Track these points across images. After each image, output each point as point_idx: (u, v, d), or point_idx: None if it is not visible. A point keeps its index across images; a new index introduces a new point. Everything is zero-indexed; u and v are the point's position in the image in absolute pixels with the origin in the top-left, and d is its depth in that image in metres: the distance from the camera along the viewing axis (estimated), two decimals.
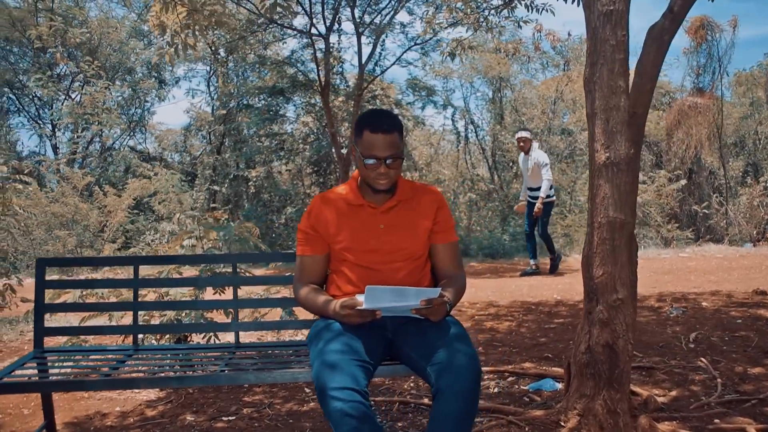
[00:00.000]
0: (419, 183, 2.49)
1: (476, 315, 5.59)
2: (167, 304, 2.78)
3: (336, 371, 1.94)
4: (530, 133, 8.14)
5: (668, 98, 13.68)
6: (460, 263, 2.44)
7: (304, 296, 2.33)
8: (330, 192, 2.45)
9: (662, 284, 6.84)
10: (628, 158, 2.49)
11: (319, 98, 11.29)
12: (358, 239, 2.32)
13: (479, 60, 17.04)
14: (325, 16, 10.43)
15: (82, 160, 14.63)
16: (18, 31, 13.68)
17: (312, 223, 2.38)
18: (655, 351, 3.99)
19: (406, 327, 2.20)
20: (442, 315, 2.14)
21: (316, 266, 2.40)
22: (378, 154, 2.24)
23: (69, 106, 13.64)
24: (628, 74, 2.52)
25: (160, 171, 12.90)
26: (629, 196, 2.52)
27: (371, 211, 2.35)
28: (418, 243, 2.35)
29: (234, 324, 2.61)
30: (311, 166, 15.14)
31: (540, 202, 7.66)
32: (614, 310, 2.53)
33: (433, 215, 2.38)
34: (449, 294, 2.27)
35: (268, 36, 12.63)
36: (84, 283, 2.86)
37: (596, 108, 2.52)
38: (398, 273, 2.32)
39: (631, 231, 2.54)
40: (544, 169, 7.65)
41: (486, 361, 3.94)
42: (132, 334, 2.57)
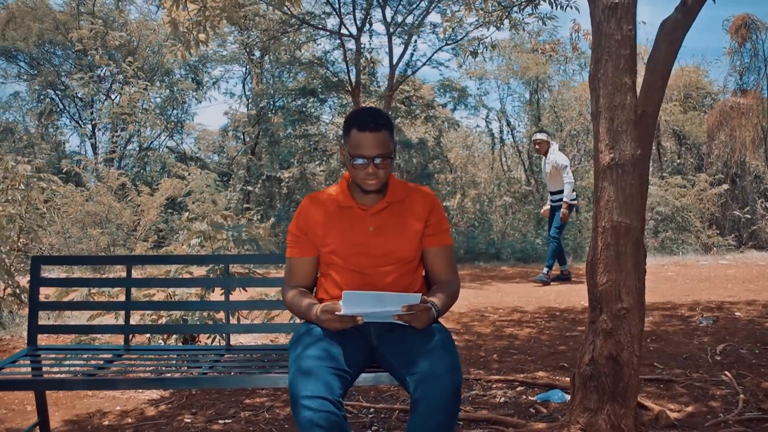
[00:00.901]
0: (412, 184, 2.40)
1: (498, 320, 5.46)
2: (159, 304, 2.76)
3: (310, 378, 1.87)
4: (547, 134, 7.74)
5: (710, 99, 13.22)
6: (454, 268, 2.34)
7: (290, 299, 2.26)
8: (320, 193, 2.38)
9: (697, 292, 6.57)
10: (634, 159, 2.35)
11: (351, 99, 11.27)
12: (347, 242, 2.25)
13: (516, 61, 16.81)
14: (356, 16, 10.40)
15: (120, 159, 14.94)
16: (61, 33, 14.06)
17: (300, 225, 2.32)
18: (678, 363, 3.80)
19: (390, 333, 2.12)
20: (426, 322, 2.04)
21: (305, 269, 2.33)
22: (366, 153, 2.16)
23: (108, 107, 13.94)
24: (635, 71, 2.38)
25: (195, 171, 13.06)
26: (635, 200, 2.38)
27: (361, 212, 2.27)
28: (408, 246, 2.26)
29: (225, 326, 2.56)
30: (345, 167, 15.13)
31: (565, 207, 7.28)
32: (619, 320, 2.39)
33: (425, 217, 2.29)
34: (437, 300, 2.17)
35: (302, 37, 12.68)
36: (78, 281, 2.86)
37: (600, 106, 2.39)
38: (387, 277, 2.23)
39: (637, 236, 2.40)
40: (564, 172, 7.24)
41: (498, 369, 3.82)
42: (123, 334, 2.55)
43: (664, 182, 11.77)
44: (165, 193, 10.84)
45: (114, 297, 3.62)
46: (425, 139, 14.61)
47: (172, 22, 4.08)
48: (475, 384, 3.47)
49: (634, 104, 2.37)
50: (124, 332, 2.54)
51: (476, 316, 5.70)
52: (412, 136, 14.57)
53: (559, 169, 7.29)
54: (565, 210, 7.28)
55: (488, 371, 3.76)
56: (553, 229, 7.46)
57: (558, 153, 7.47)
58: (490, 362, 3.99)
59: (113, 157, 14.48)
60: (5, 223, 4.86)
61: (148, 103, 15.29)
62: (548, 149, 7.47)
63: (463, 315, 5.76)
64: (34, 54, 14.98)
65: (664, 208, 11.11)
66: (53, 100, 15.31)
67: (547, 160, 7.45)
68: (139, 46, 15.28)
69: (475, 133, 17.44)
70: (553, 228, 7.47)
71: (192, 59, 16.62)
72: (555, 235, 7.46)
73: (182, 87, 16.18)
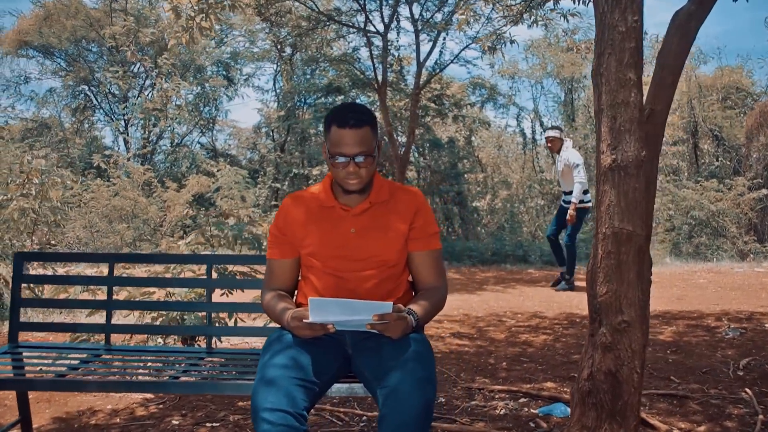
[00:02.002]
0: (398, 184, 2.27)
1: (515, 326, 5.29)
2: (141, 303, 2.69)
3: (271, 389, 1.76)
4: (560, 131, 7.11)
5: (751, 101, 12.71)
6: (441, 274, 2.20)
7: (266, 303, 2.16)
8: (303, 191, 2.27)
9: (727, 301, 6.28)
10: (638, 161, 2.18)
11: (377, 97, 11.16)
12: (326, 244, 2.13)
13: (550, 60, 16.50)
14: (383, 13, 10.29)
15: (151, 155, 15.11)
16: (95, 30, 14.29)
17: (280, 225, 2.21)
18: (696, 377, 3.59)
19: (366, 342, 2.00)
20: (402, 331, 1.91)
21: (285, 271, 2.22)
22: (346, 151, 2.05)
23: (140, 103, 14.11)
24: (640, 66, 2.21)
25: (224, 168, 13.12)
26: (639, 205, 2.21)
27: (343, 213, 2.16)
28: (390, 249, 2.13)
29: (207, 328, 2.47)
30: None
31: (572, 208, 6.72)
32: (619, 334, 2.23)
33: (409, 219, 2.16)
34: (418, 308, 2.04)
35: (331, 33, 12.63)
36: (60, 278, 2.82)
37: (603, 104, 2.22)
38: (367, 282, 2.11)
39: (640, 244, 2.23)
40: (576, 171, 6.69)
41: (505, 377, 3.67)
42: (104, 333, 2.48)
43: (699, 186, 11.38)
44: (191, 190, 10.90)
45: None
46: (455, 138, 14.43)
47: (174, 9, 4.02)
48: (476, 393, 3.33)
49: (639, 101, 2.20)
50: (105, 331, 2.48)
51: (493, 321, 5.54)
52: (442, 135, 14.41)
53: (571, 167, 6.79)
54: (572, 212, 6.73)
55: (494, 380, 3.61)
56: (567, 236, 7.00)
57: (571, 150, 6.96)
58: (497, 370, 3.84)
59: (144, 152, 14.66)
60: (17, 216, 4.88)
61: (180, 99, 15.43)
62: (561, 146, 6.98)
63: (480, 319, 5.61)
64: (69, 51, 15.27)
65: (698, 212, 10.73)
66: (87, 95, 15.57)
67: (560, 158, 6.97)
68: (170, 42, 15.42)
69: (507, 133, 17.17)
70: (567, 235, 7.01)
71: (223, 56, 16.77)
72: (568, 242, 7.01)
73: (214, 84, 16.30)
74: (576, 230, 6.95)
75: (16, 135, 14.99)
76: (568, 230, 6.95)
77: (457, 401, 3.20)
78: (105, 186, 10.20)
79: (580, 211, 6.84)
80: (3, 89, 15.45)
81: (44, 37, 14.43)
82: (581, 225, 7.11)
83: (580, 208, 6.81)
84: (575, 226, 6.89)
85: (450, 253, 11.19)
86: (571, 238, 6.99)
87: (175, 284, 2.78)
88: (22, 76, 15.52)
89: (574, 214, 6.73)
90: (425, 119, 12.73)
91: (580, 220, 6.93)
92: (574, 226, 6.86)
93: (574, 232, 6.96)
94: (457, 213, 14.39)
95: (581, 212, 6.88)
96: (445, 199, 14.22)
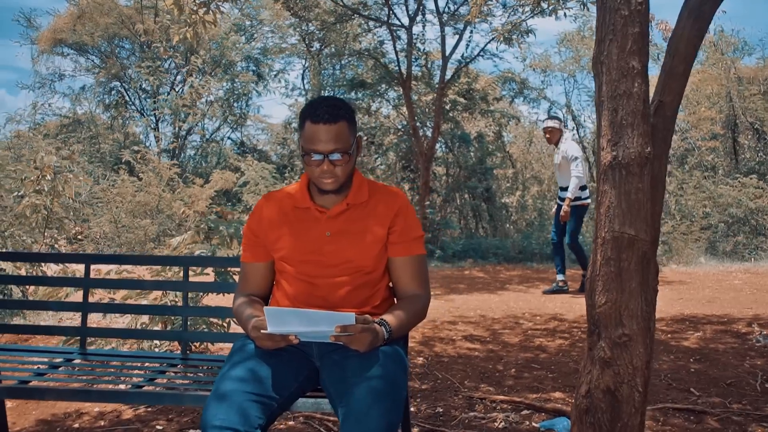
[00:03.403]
0: (381, 184, 2.11)
1: (531, 329, 5.08)
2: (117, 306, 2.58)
3: (223, 404, 1.62)
4: (559, 121, 6.50)
5: None
6: (423, 281, 2.03)
7: (235, 309, 2.02)
8: (279, 191, 2.13)
9: (763, 305, 5.94)
10: (642, 158, 1.97)
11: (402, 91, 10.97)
12: (299, 247, 1.99)
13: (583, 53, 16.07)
14: (408, 6, 10.08)
15: (180, 151, 15.21)
16: (126, 27, 14.43)
17: (253, 227, 2.07)
18: (719, 389, 3.35)
19: (333, 354, 1.84)
20: (368, 344, 1.75)
21: (258, 275, 2.08)
22: (320, 148, 1.90)
23: (171, 99, 14.20)
24: (645, 53, 2.00)
25: (252, 163, 13.10)
26: (643, 207, 2.00)
27: (318, 215, 2.01)
28: (366, 255, 1.97)
29: (182, 333, 2.35)
30: (402, 161, 14.87)
31: (567, 203, 6.22)
32: (619, 349, 2.02)
33: (388, 222, 1.99)
34: (393, 318, 1.88)
35: (357, 28, 12.48)
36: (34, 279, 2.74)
37: (603, 95, 2.02)
38: (340, 289, 1.96)
39: (645, 250, 2.02)
40: (573, 164, 6.16)
41: (512, 386, 3.47)
42: (79, 337, 2.39)
43: (737, 182, 10.89)
44: (215, 185, 10.90)
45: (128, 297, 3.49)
46: (485, 133, 14.14)
47: (177, 2, 3.93)
48: (478, 403, 3.15)
49: (643, 92, 1.99)
50: (80, 335, 2.38)
51: (510, 323, 5.33)
52: (471, 130, 14.14)
53: (569, 160, 6.26)
54: (566, 207, 6.23)
55: (499, 388, 3.42)
56: (568, 236, 6.49)
57: (570, 143, 6.42)
58: (505, 377, 3.65)
59: (173, 147, 14.76)
60: (29, 213, 4.86)
61: (211, 95, 15.49)
62: (560, 138, 6.45)
63: (496, 321, 5.41)
64: (102, 48, 15.46)
65: (736, 209, 10.27)
66: (120, 92, 15.75)
67: (558, 150, 6.44)
68: (201, 38, 15.51)
69: (539, 128, 16.78)
70: (567, 235, 6.50)
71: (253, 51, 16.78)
72: (571, 243, 6.49)
73: (244, 80, 16.32)
74: (577, 230, 6.48)
75: (52, 131, 15.27)
76: (568, 229, 6.47)
77: (455, 411, 3.03)
78: (130, 181, 10.26)
79: (579, 210, 6.37)
80: (38, 86, 15.74)
81: (78, 34, 14.63)
82: (581, 224, 6.61)
83: (578, 205, 6.34)
84: (574, 225, 6.42)
85: (475, 250, 10.96)
86: (572, 239, 6.51)
87: (147, 286, 2.67)
88: (57, 74, 15.80)
89: (568, 210, 6.26)
90: (453, 114, 12.48)
91: (579, 218, 6.45)
92: (575, 225, 6.40)
93: (575, 231, 6.48)
94: (485, 209, 14.12)
95: (580, 210, 6.40)
96: (474, 195, 13.95)
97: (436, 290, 7.06)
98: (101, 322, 4.07)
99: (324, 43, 14.29)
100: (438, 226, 11.50)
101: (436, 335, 4.82)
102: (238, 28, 16.46)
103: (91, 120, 15.36)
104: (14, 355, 2.33)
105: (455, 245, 10.88)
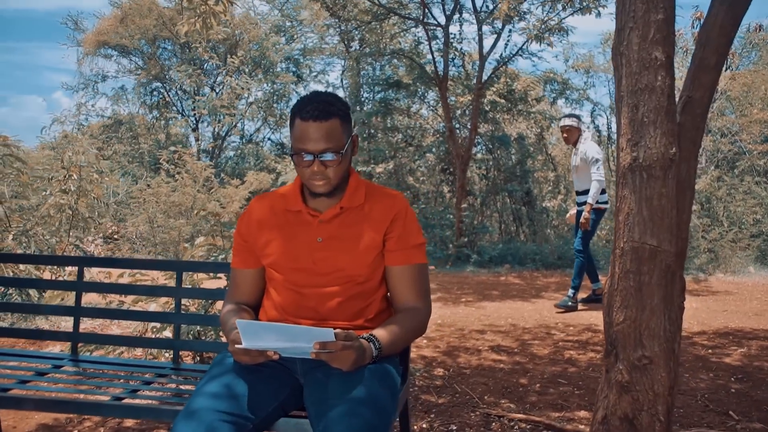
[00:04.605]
0: (379, 186, 1.95)
1: (563, 340, 4.84)
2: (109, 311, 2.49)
3: (192, 423, 1.49)
4: (578, 120, 5.92)
5: None
6: (422, 293, 1.86)
7: (222, 317, 1.89)
8: (272, 192, 1.99)
9: None
10: (666, 160, 1.77)
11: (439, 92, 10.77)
12: (288, 254, 1.85)
13: None
14: (445, 5, 9.88)
15: (219, 151, 15.33)
16: (167, 28, 14.62)
17: (242, 230, 1.94)
18: (762, 414, 3.07)
19: (316, 371, 1.69)
20: (352, 363, 1.58)
21: (247, 282, 1.95)
22: (310, 147, 1.75)
23: (210, 99, 14.32)
24: (671, 42, 1.79)
25: (290, 164, 13.07)
26: (667, 214, 1.80)
27: (310, 219, 1.86)
28: (360, 263, 1.82)
29: (173, 342, 2.24)
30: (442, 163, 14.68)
31: (587, 210, 5.69)
32: (638, 372, 1.82)
33: (384, 228, 1.84)
34: (385, 334, 1.72)
35: (395, 28, 12.35)
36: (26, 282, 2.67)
37: (623, 90, 1.82)
38: (330, 300, 1.81)
39: (669, 263, 1.81)
40: (594, 167, 5.65)
41: (534, 403, 3.27)
42: (71, 342, 2.30)
43: None
44: (250, 186, 10.90)
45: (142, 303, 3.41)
46: (525, 135, 13.83)
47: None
48: (494, 421, 2.95)
49: (668, 87, 1.78)
50: (71, 340, 2.29)
51: (541, 333, 5.10)
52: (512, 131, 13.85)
53: (588, 162, 5.72)
54: (587, 214, 5.69)
55: (520, 405, 3.22)
56: (577, 240, 5.98)
57: (590, 143, 5.85)
58: (528, 393, 3.44)
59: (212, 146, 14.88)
60: (53, 212, 4.87)
61: (250, 96, 15.57)
62: (579, 138, 5.90)
63: (526, 331, 5.18)
64: (144, 49, 15.72)
65: None
66: (160, 93, 15.99)
67: (576, 151, 5.89)
68: (241, 39, 15.61)
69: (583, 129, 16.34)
70: (576, 240, 6.00)
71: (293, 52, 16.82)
72: (579, 247, 5.95)
73: (283, 80, 16.36)
74: (589, 236, 5.94)
75: (96, 132, 15.59)
76: (580, 232, 5.92)
77: (470, 430, 2.84)
78: (164, 182, 10.34)
79: (594, 213, 5.83)
80: (82, 87, 16.09)
81: (121, 36, 14.91)
82: (596, 230, 6.08)
83: (595, 209, 5.79)
84: (589, 231, 5.90)
85: (513, 255, 10.68)
86: (583, 244, 5.94)
87: (140, 291, 2.57)
88: (100, 75, 16.12)
89: (589, 217, 5.73)
90: (491, 115, 12.22)
91: (595, 223, 5.90)
92: (588, 231, 5.88)
93: (586, 238, 5.94)
94: (525, 213, 13.79)
95: (596, 214, 5.86)
96: (513, 198, 13.65)
97: (468, 296, 6.86)
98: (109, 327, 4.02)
99: (362, 43, 14.21)
100: (474, 230, 11.26)
101: (462, 344, 4.63)
102: (278, 29, 16.53)
103: (131, 120, 15.63)
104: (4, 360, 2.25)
105: (492, 250, 10.62)
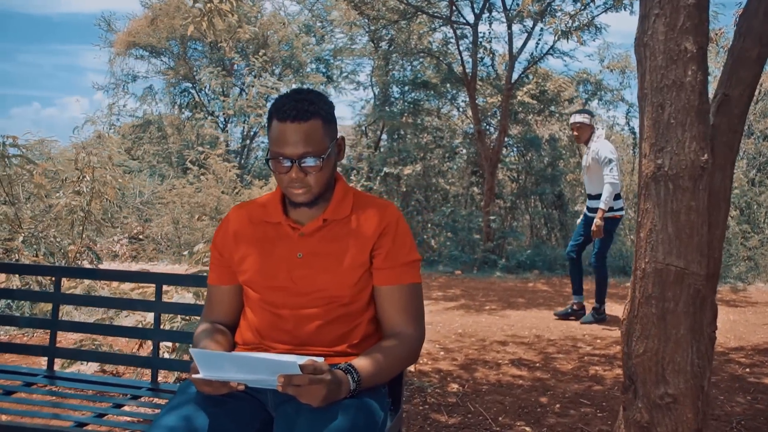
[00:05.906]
0: (369, 195, 1.74)
1: (589, 354, 4.57)
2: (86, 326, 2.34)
3: None
4: (590, 116, 5.29)
5: None
6: (414, 317, 1.65)
7: (194, 337, 1.70)
8: (251, 201, 1.81)
9: None
10: (696, 169, 1.53)
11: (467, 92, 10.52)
12: (265, 270, 1.65)
13: None
14: (474, 3, 9.64)
15: (247, 151, 15.31)
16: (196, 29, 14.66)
17: (218, 243, 1.76)
18: None
19: (285, 405, 1.49)
20: (322, 399, 1.38)
21: (223, 300, 1.76)
22: (287, 151, 1.56)
23: (238, 99, 14.31)
24: (704, 32, 1.55)
25: None
26: (697, 231, 1.55)
27: (290, 232, 1.67)
28: (343, 283, 1.61)
29: (152, 360, 2.07)
30: (471, 165, 14.42)
31: (599, 216, 5.04)
32: (660, 412, 1.58)
33: (371, 243, 1.63)
34: (366, 364, 1.51)
35: (424, 27, 12.14)
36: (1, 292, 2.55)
37: (646, 87, 1.58)
38: (309, 323, 1.61)
39: (698, 287, 1.57)
40: (607, 168, 5.03)
41: (553, 425, 3.03)
42: (47, 357, 2.15)
43: None
44: (274, 187, 10.82)
45: None
46: (557, 136, 13.48)
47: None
48: None
49: (699, 83, 1.54)
50: (47, 355, 2.15)
51: (566, 346, 4.83)
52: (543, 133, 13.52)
53: (601, 163, 5.11)
54: (598, 221, 5.05)
55: (536, 428, 2.98)
56: (593, 256, 5.42)
57: (603, 142, 5.21)
58: (546, 414, 3.19)
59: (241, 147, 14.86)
60: (65, 214, 4.79)
61: None
62: (591, 136, 5.29)
63: (551, 343, 4.91)
64: (173, 49, 15.80)
65: None
66: (189, 93, 16.06)
67: (588, 150, 5.30)
68: (270, 39, 15.57)
69: (616, 131, 15.87)
70: (592, 255, 5.43)
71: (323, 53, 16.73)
72: (596, 263, 5.38)
73: (313, 81, 16.27)
74: (606, 247, 5.38)
75: (126, 132, 15.72)
76: (595, 247, 5.40)
77: None
78: (188, 182, 10.31)
79: (609, 223, 5.20)
80: (113, 87, 16.25)
81: (150, 37, 15.00)
82: (611, 240, 5.49)
83: (609, 218, 5.18)
84: (604, 241, 5.31)
85: (543, 261, 10.37)
86: (598, 258, 5.38)
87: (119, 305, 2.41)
88: (131, 75, 16.26)
89: (601, 224, 5.08)
90: (522, 116, 11.92)
91: (609, 233, 5.28)
92: (603, 241, 5.30)
93: (602, 249, 5.35)
94: (556, 217, 13.44)
95: (610, 224, 5.24)
96: (544, 201, 13.32)
97: (492, 304, 6.61)
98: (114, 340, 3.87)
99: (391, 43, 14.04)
100: (503, 234, 10.97)
101: (481, 357, 4.40)
102: (308, 29, 16.45)
103: (159, 120, 15.72)
104: None
105: (521, 255, 10.32)
